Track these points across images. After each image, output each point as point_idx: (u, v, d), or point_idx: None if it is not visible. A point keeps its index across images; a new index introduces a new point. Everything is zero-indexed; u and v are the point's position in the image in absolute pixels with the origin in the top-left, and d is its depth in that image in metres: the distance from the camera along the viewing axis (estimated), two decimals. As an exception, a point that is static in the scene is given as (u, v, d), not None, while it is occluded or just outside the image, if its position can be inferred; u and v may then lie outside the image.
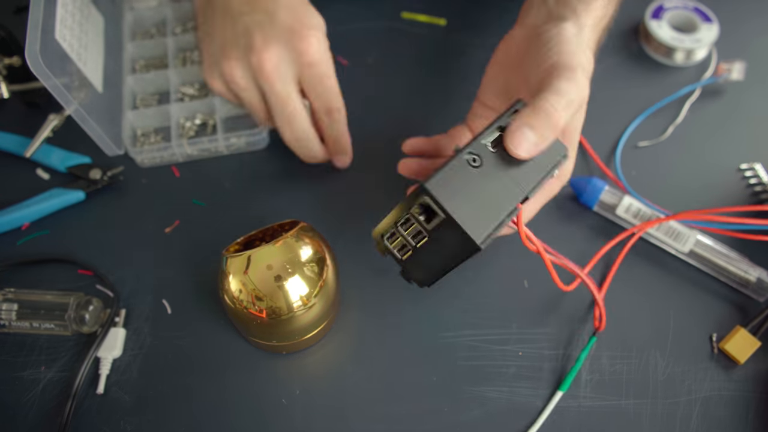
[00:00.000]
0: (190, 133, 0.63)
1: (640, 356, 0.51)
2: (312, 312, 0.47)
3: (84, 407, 0.49)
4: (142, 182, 0.60)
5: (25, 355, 0.51)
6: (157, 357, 0.51)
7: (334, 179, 0.60)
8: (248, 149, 0.62)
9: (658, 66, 0.68)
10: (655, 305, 0.54)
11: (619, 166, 0.60)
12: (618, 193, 0.57)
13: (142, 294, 0.54)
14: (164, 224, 0.58)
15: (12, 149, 0.61)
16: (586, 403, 0.49)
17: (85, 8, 0.61)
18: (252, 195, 0.59)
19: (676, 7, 0.70)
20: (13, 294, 0.52)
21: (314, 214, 0.58)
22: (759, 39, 0.70)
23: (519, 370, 0.51)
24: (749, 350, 0.51)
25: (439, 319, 0.53)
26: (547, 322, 0.53)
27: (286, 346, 0.50)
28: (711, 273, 0.55)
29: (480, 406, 0.49)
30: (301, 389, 0.50)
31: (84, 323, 0.51)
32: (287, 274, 0.45)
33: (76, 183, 0.59)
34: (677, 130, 0.63)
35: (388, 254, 0.43)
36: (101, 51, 0.63)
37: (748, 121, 0.64)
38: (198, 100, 0.63)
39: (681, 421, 0.49)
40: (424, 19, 0.72)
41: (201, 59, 0.59)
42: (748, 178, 0.60)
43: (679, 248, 0.55)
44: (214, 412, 0.49)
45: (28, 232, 0.58)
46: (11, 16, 0.70)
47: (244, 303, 0.46)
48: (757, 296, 0.53)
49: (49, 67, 0.50)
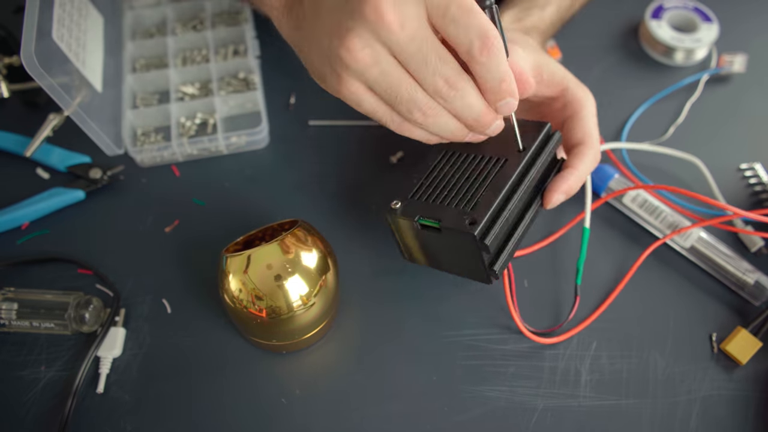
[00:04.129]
0: (190, 133, 0.63)
1: (640, 356, 0.51)
2: (312, 311, 0.47)
3: (84, 406, 0.49)
4: (142, 182, 0.61)
5: (25, 355, 0.51)
6: (156, 356, 0.51)
7: (334, 179, 0.60)
8: (248, 149, 0.62)
9: (658, 66, 0.68)
10: (655, 305, 0.54)
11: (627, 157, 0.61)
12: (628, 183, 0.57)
13: (142, 293, 0.54)
14: (164, 224, 0.58)
15: (12, 149, 0.61)
16: (585, 403, 0.49)
17: (84, 8, 0.61)
18: (252, 194, 0.59)
19: (676, 7, 0.70)
20: (13, 293, 0.52)
21: (314, 213, 0.58)
22: (759, 39, 0.70)
23: (518, 369, 0.51)
24: (751, 351, 0.51)
25: (439, 319, 0.53)
26: (547, 322, 0.53)
27: (285, 346, 0.50)
28: (710, 272, 0.55)
29: (480, 405, 0.49)
30: (300, 388, 0.50)
31: (84, 322, 0.51)
32: (287, 274, 0.45)
33: (76, 182, 0.59)
34: (678, 130, 0.63)
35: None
36: (101, 50, 0.63)
37: (749, 121, 0.64)
38: (198, 100, 0.63)
39: (681, 421, 0.49)
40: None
41: (310, 72, 0.46)
42: (748, 177, 0.60)
43: (681, 243, 0.55)
44: (213, 411, 0.49)
45: (28, 231, 0.58)
46: (11, 15, 0.70)
47: (244, 302, 0.46)
48: (753, 299, 0.53)
49: (46, 67, 0.50)
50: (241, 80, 0.66)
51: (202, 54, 0.67)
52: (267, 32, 0.70)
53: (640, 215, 0.56)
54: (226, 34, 0.68)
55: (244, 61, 0.66)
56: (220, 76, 0.66)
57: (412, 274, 0.55)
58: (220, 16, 0.70)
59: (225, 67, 0.65)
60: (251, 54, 0.66)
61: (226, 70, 0.66)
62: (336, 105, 0.66)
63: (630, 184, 0.57)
